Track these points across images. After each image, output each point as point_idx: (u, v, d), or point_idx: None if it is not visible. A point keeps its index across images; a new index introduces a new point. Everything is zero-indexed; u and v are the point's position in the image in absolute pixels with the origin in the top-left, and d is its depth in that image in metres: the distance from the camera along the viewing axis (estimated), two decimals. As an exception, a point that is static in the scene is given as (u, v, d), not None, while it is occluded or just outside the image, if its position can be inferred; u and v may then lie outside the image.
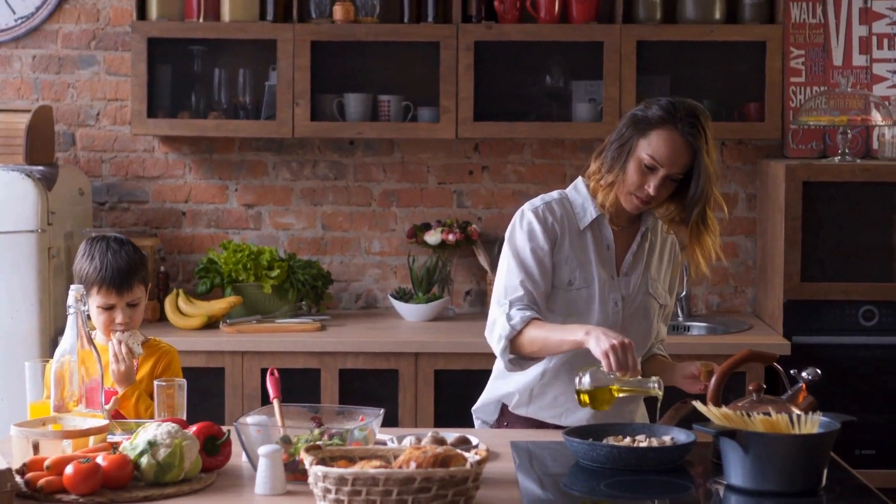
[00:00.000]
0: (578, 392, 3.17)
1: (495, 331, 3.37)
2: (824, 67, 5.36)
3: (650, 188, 3.34)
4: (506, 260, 3.46)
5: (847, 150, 5.11)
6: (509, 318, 3.34)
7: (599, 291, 3.44)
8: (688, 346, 4.84)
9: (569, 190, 3.54)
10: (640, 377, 3.16)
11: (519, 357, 3.37)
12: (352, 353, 4.87)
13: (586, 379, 3.16)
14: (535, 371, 3.47)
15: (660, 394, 3.16)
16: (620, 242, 3.50)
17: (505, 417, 3.59)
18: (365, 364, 4.87)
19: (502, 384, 3.56)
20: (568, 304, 3.44)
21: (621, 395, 3.17)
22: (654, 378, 3.18)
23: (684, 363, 3.48)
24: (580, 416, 3.48)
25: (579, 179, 3.53)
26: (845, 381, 4.85)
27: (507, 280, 3.42)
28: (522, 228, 3.46)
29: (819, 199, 4.95)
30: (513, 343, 3.33)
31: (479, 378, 3.77)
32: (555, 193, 3.53)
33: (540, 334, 3.31)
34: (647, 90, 5.22)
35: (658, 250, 3.54)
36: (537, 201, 3.50)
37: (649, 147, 3.33)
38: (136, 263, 3.53)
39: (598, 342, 3.15)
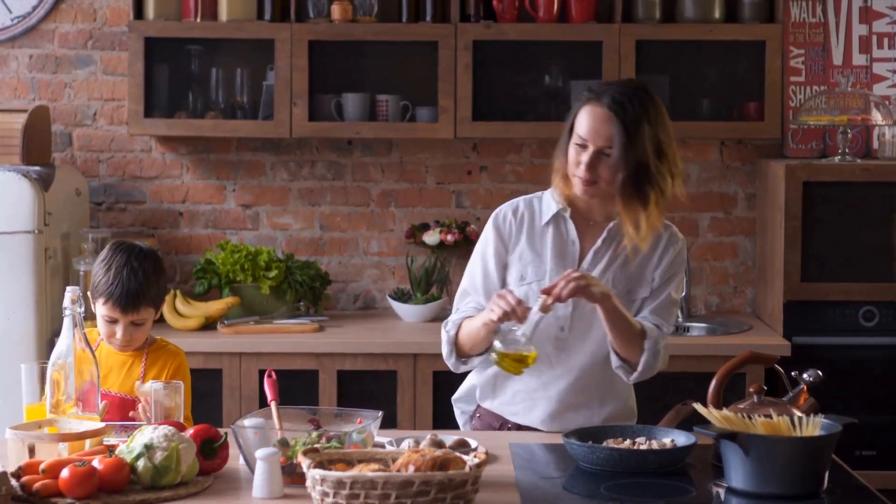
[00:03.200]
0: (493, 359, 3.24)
1: (442, 335, 3.49)
2: (824, 67, 5.35)
3: (583, 165, 3.33)
4: (469, 264, 3.60)
5: (847, 150, 5.10)
6: (445, 324, 3.46)
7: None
8: (687, 348, 4.83)
9: (549, 189, 3.55)
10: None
11: (465, 357, 3.45)
12: (350, 354, 4.85)
13: (496, 343, 3.21)
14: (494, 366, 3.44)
15: (531, 352, 3.18)
16: (588, 238, 3.48)
17: (478, 409, 3.61)
18: (363, 365, 4.85)
19: (473, 375, 3.61)
20: (522, 299, 3.36)
21: (504, 358, 3.20)
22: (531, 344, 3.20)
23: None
24: (536, 417, 3.48)
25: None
26: (845, 381, 4.84)
27: (462, 284, 3.58)
28: (483, 233, 3.58)
29: (819, 198, 4.94)
30: (456, 348, 3.44)
31: (477, 379, 3.75)
32: (538, 192, 3.57)
33: (465, 329, 3.40)
34: (646, 90, 5.21)
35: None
36: (505, 204, 3.58)
37: (578, 125, 3.36)
38: (150, 285, 3.46)
39: (489, 306, 3.24)
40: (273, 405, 3.08)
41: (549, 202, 3.50)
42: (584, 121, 3.34)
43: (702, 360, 4.76)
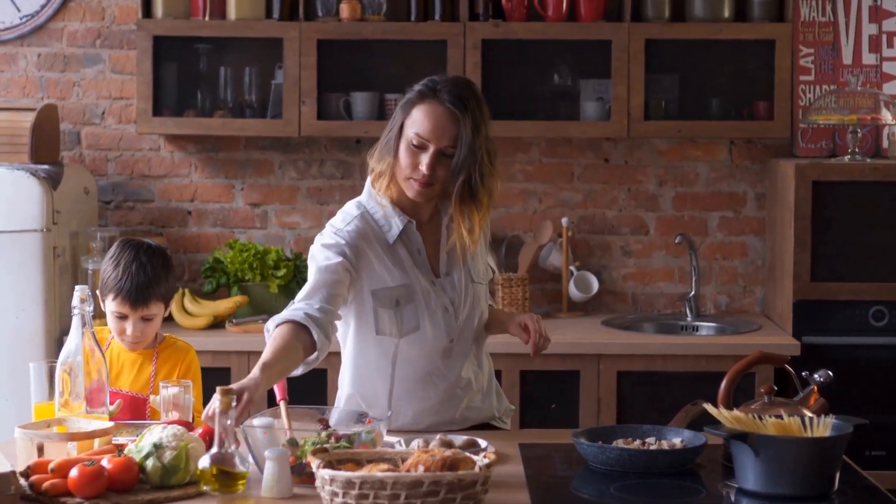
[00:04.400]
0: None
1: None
2: (834, 66, 5.33)
3: (423, 167, 3.22)
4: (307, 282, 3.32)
5: (857, 149, 5.08)
6: (267, 330, 3.22)
7: (425, 303, 3.34)
8: (696, 347, 4.82)
9: (365, 200, 3.39)
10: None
11: None
12: (358, 353, 4.83)
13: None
14: (382, 394, 3.37)
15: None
16: (431, 242, 3.39)
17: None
18: (372, 364, 4.84)
19: (365, 402, 3.45)
20: (398, 324, 3.33)
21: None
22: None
23: (519, 314, 3.44)
24: (448, 417, 3.43)
25: (370, 186, 3.39)
26: (855, 381, 4.82)
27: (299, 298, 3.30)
28: (316, 258, 3.30)
29: (829, 198, 4.92)
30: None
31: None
32: (353, 209, 3.37)
33: (274, 344, 3.14)
34: (655, 89, 5.21)
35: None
36: (338, 223, 3.34)
37: (414, 125, 3.23)
38: (159, 280, 3.46)
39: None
40: (282, 405, 3.07)
41: (385, 214, 3.34)
42: (424, 119, 3.22)
43: (710, 359, 4.75)
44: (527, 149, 5.45)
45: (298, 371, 3.19)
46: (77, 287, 3.06)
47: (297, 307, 3.22)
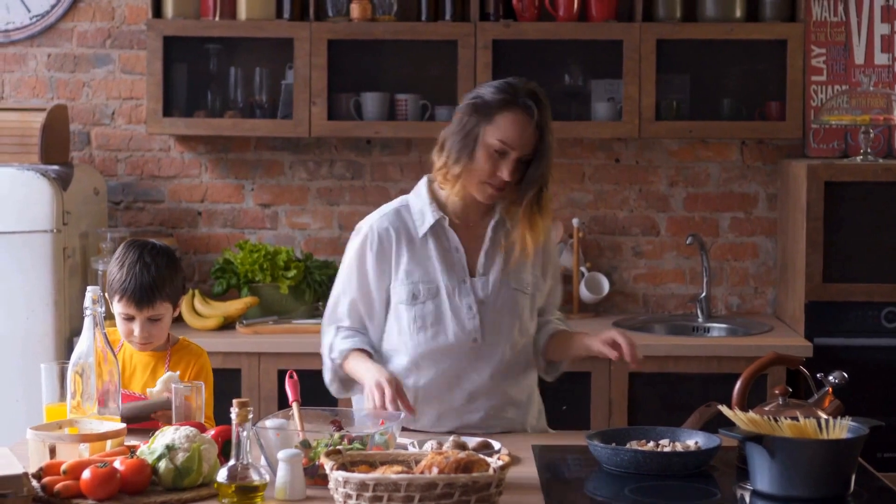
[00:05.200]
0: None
1: (324, 359, 3.46)
2: (846, 66, 5.32)
3: (504, 174, 3.25)
4: (340, 276, 3.45)
5: (869, 150, 5.07)
6: (331, 349, 3.40)
7: (449, 300, 3.36)
8: (708, 349, 4.80)
9: (410, 195, 3.45)
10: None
11: (346, 386, 3.46)
12: (369, 354, 4.82)
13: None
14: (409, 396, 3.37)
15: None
16: (472, 242, 3.40)
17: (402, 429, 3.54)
18: (382, 365, 4.83)
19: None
20: (416, 319, 3.37)
21: None
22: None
23: (600, 331, 3.39)
24: (469, 421, 3.43)
25: (423, 180, 3.45)
26: (867, 383, 4.80)
27: (336, 298, 3.45)
28: (353, 247, 3.41)
29: (841, 199, 4.90)
30: (341, 367, 3.41)
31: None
32: (394, 202, 3.45)
33: (349, 369, 3.37)
34: (666, 89, 5.19)
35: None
36: (374, 216, 3.43)
37: (498, 131, 3.24)
38: (164, 280, 3.46)
39: (371, 394, 3.18)
40: (295, 406, 3.06)
41: (420, 210, 3.39)
42: (510, 128, 3.24)
43: (722, 361, 4.74)
44: (537, 149, 5.43)
45: None
46: (89, 288, 3.05)
47: (356, 339, 3.41)
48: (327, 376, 3.46)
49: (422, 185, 3.44)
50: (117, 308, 3.46)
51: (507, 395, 3.41)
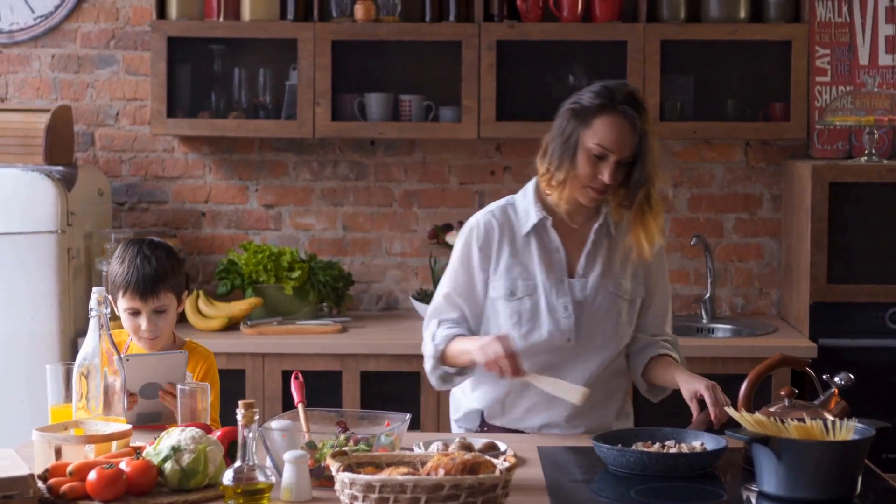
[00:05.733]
0: None
1: (425, 350, 3.45)
2: (850, 67, 5.31)
3: (604, 176, 3.29)
4: (446, 274, 3.51)
5: (873, 151, 5.06)
6: (434, 337, 3.41)
7: (545, 298, 3.40)
8: (712, 349, 4.80)
9: (518, 194, 3.50)
10: None
11: (448, 374, 3.42)
12: (373, 355, 4.83)
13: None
14: (503, 385, 3.43)
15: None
16: (574, 243, 3.44)
17: (484, 425, 3.57)
18: (387, 366, 4.83)
19: (479, 395, 3.54)
20: (513, 314, 3.41)
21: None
22: None
23: (693, 378, 3.33)
24: (553, 421, 3.46)
25: (532, 180, 3.49)
26: (872, 384, 4.79)
27: (442, 294, 3.48)
28: (460, 243, 3.48)
29: (845, 199, 4.90)
30: (441, 359, 3.40)
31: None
32: (502, 200, 3.51)
33: (455, 350, 3.36)
34: (670, 90, 5.19)
35: (620, 244, 3.45)
36: (481, 212, 3.50)
37: (595, 136, 3.28)
38: (166, 271, 3.48)
39: (484, 352, 3.20)
40: (300, 407, 3.06)
41: (525, 210, 3.44)
42: (607, 132, 3.28)
43: (727, 362, 4.73)
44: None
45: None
46: (94, 289, 3.05)
47: (459, 329, 3.43)
48: (429, 365, 3.45)
49: (530, 185, 3.49)
50: (122, 304, 3.47)
51: (593, 396, 3.41)
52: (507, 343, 3.20)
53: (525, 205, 3.45)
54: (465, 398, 3.60)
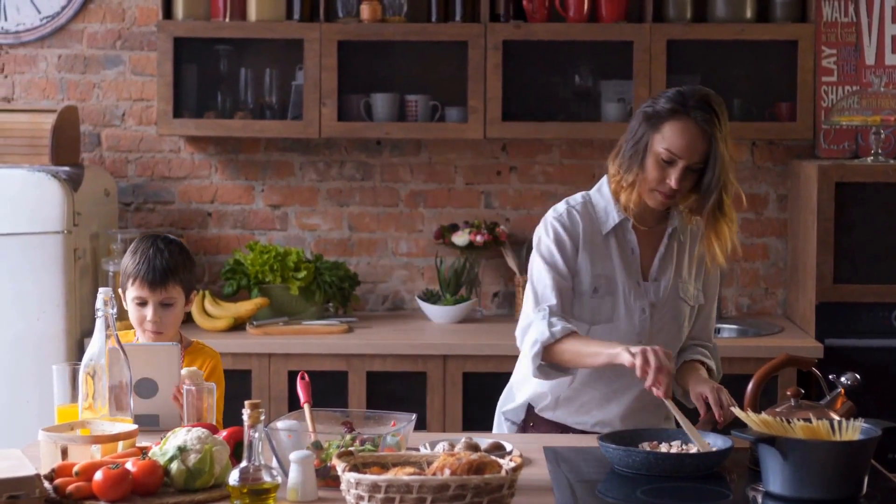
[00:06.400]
0: None
1: (530, 334, 3.33)
2: (856, 67, 5.31)
3: (672, 181, 3.28)
4: (536, 267, 3.43)
5: (880, 151, 5.06)
6: (551, 324, 3.29)
7: (624, 299, 3.41)
8: (719, 349, 4.77)
9: (593, 192, 3.49)
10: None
11: (547, 365, 3.33)
12: (379, 355, 4.83)
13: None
14: (565, 379, 3.43)
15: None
16: (647, 246, 3.44)
17: (531, 419, 3.57)
18: (392, 366, 4.84)
19: (533, 385, 3.52)
20: (592, 311, 3.41)
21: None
22: None
23: (700, 381, 3.35)
24: (606, 419, 3.46)
25: (604, 180, 3.48)
26: (878, 384, 4.79)
27: (541, 287, 3.39)
28: (549, 236, 3.42)
29: (852, 199, 4.89)
30: (546, 350, 3.29)
31: (507, 381, 3.73)
32: (578, 196, 3.48)
33: (575, 346, 3.26)
34: (676, 90, 5.18)
35: (688, 249, 3.48)
36: (561, 206, 3.47)
37: (664, 140, 3.28)
38: (177, 264, 3.51)
39: (645, 357, 3.10)
40: (306, 407, 3.06)
41: (605, 209, 3.43)
42: (676, 137, 3.26)
43: (733, 362, 4.72)
44: (547, 150, 5.43)
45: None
46: (101, 289, 3.05)
47: (566, 325, 3.31)
48: (535, 349, 3.29)
49: (604, 183, 3.47)
50: (130, 293, 3.49)
51: (647, 397, 3.39)
52: (669, 360, 3.13)
53: (604, 203, 3.44)
54: (519, 390, 3.59)
